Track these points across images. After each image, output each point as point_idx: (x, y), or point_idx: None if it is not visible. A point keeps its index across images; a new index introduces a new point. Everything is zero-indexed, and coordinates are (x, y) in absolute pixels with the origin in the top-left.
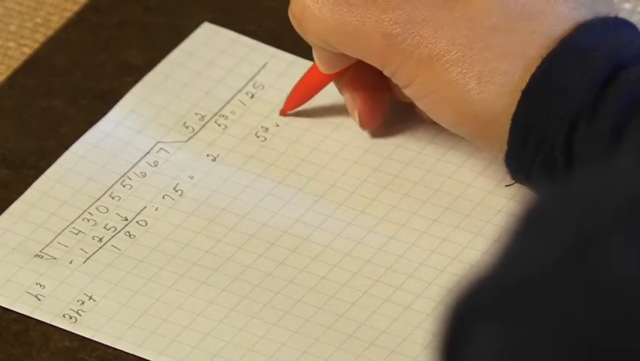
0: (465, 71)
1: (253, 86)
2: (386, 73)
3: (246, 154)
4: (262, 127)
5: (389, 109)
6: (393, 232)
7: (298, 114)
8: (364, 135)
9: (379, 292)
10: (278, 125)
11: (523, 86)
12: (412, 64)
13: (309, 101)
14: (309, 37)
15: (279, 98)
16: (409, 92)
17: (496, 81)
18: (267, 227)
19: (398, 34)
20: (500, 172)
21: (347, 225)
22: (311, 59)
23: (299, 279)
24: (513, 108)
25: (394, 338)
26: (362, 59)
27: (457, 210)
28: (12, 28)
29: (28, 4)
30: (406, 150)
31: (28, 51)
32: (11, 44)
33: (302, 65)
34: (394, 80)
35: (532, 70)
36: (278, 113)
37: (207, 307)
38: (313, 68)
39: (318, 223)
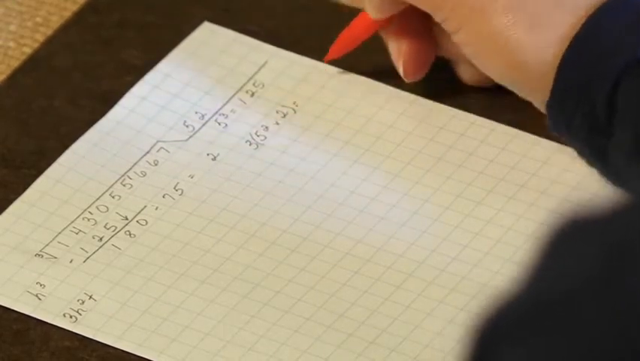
0: (516, 19)
1: (253, 85)
2: (437, 18)
3: (246, 153)
4: (262, 126)
5: (431, 63)
6: (393, 232)
7: (298, 113)
8: (364, 136)
9: (380, 291)
10: (278, 124)
11: (571, 37)
12: (464, 9)
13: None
14: None
15: (279, 96)
16: (457, 39)
17: (547, 31)
18: (267, 226)
19: None
20: (500, 172)
21: (347, 224)
22: (311, 56)
23: (299, 278)
24: (560, 59)
25: (395, 337)
26: (414, 4)
27: (457, 210)
28: (12, 28)
29: (28, 4)
30: (406, 149)
31: (28, 51)
32: (11, 44)
33: (302, 63)
34: (444, 26)
35: (583, 21)
36: (277, 111)
37: (207, 306)
38: (361, 16)
39: (319, 222)
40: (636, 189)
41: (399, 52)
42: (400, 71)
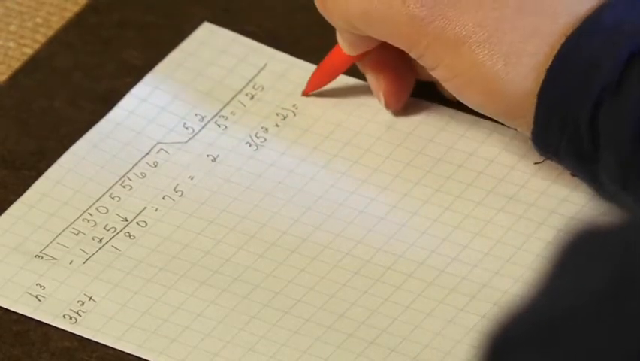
0: (492, 52)
1: (253, 87)
2: (413, 55)
3: (246, 155)
4: (262, 127)
5: (411, 90)
6: (393, 232)
7: (298, 116)
8: (363, 138)
9: (379, 292)
10: (277, 126)
11: (548, 65)
12: (439, 46)
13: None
14: (334, 21)
15: (279, 99)
16: (436, 74)
17: (523, 62)
18: (266, 227)
19: (425, 17)
20: (500, 172)
21: (347, 224)
22: (310, 60)
23: (299, 279)
24: (539, 88)
25: (395, 337)
26: (388, 42)
27: (457, 211)
28: (12, 28)
29: (28, 4)
30: (405, 150)
31: (28, 51)
32: (11, 44)
33: (301, 67)
34: (421, 63)
35: (559, 47)
36: (277, 114)
37: (207, 307)
38: (336, 49)
39: (318, 223)
40: (634, 209)
41: (378, 84)
42: (381, 102)
